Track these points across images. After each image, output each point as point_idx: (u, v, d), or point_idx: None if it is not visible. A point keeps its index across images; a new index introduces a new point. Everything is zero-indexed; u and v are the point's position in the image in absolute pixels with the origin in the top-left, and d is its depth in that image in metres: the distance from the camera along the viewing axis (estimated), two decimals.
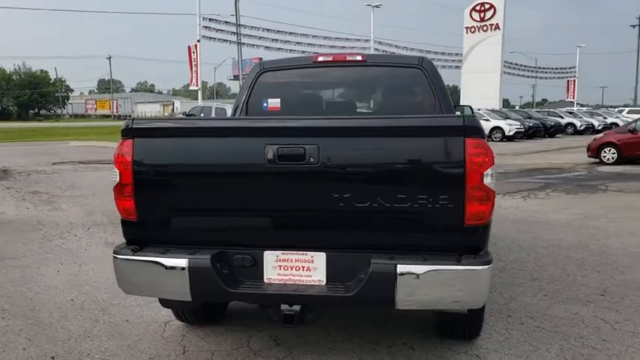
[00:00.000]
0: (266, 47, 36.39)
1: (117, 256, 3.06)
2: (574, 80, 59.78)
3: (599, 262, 5.69)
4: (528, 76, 62.70)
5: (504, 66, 44.36)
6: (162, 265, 2.95)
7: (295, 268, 2.97)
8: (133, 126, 3.02)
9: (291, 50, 37.91)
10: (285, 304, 2.92)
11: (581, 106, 59.75)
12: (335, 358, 3.53)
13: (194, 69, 30.27)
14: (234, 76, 47.20)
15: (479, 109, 33.33)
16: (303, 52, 38.88)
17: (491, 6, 40.74)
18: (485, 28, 41.03)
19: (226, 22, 33.76)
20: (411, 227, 2.87)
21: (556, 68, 63.78)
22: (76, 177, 13.76)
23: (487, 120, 30.84)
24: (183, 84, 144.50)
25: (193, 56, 30.17)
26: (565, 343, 3.72)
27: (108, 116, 79.09)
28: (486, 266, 2.75)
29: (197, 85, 30.28)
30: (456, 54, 46.98)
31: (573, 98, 58.90)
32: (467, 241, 2.85)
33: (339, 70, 4.72)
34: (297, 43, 37.93)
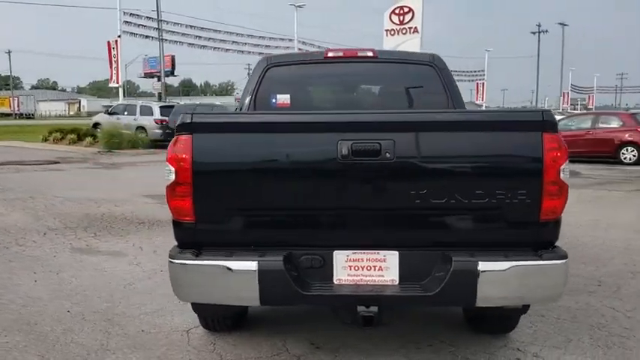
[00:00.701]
0: (189, 44, 35.49)
1: (175, 261, 2.84)
2: (483, 83, 62.71)
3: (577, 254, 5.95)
4: None
5: None
6: (230, 268, 2.76)
7: (366, 268, 2.88)
8: (193, 121, 2.80)
9: (215, 48, 37.24)
10: (361, 306, 2.81)
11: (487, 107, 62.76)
12: (382, 358, 3.46)
13: (114, 65, 28.96)
14: (145, 73, 45.48)
15: None
16: (227, 50, 38.31)
17: (410, 10, 41.58)
18: (404, 31, 41.83)
19: (148, 18, 32.56)
20: (488, 223, 2.85)
21: (467, 71, 66.64)
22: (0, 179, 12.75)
23: None
24: (89, 81, 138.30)
25: (113, 52, 28.83)
26: (592, 332, 3.85)
27: (8, 115, 73.99)
28: (565, 260, 2.78)
29: (118, 83, 28.96)
30: None
31: (483, 100, 61.72)
32: (541, 236, 2.86)
33: (350, 65, 4.63)
34: (222, 40, 37.30)
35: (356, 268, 2.87)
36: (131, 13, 31.24)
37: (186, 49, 37.84)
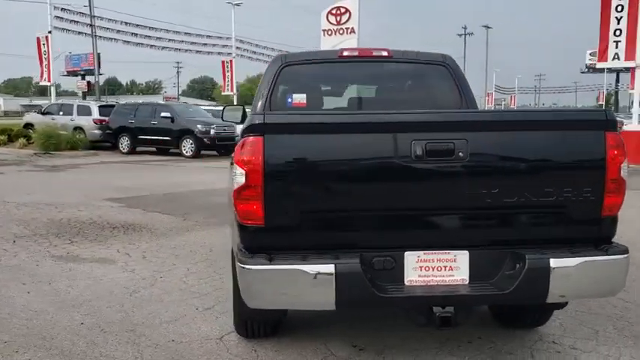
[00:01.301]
0: (125, 41, 34.23)
1: (248, 266, 2.73)
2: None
3: None
4: None
5: None
6: (307, 272, 2.68)
7: (437, 269, 2.87)
8: (265, 121, 2.70)
9: (152, 46, 36.07)
10: (437, 307, 2.81)
11: None
12: (430, 357, 3.47)
13: (44, 63, 27.52)
14: (68, 71, 43.45)
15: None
16: (163, 48, 37.23)
17: (347, 10, 41.94)
18: (341, 32, 42.20)
19: (80, 13, 31.13)
20: (554, 221, 2.91)
21: None
22: None
23: None
24: (3, 79, 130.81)
25: (43, 49, 27.38)
26: (614, 323, 4.01)
27: None
28: (627, 254, 2.89)
29: (49, 81, 27.52)
30: None
31: None
32: (602, 232, 2.96)
33: (365, 65, 4.63)
34: (158, 38, 36.20)
35: (426, 268, 2.86)
36: (62, 8, 29.77)
37: (109, 47, 36.39)
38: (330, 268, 2.68)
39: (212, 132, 19.48)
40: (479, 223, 2.89)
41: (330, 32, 44.11)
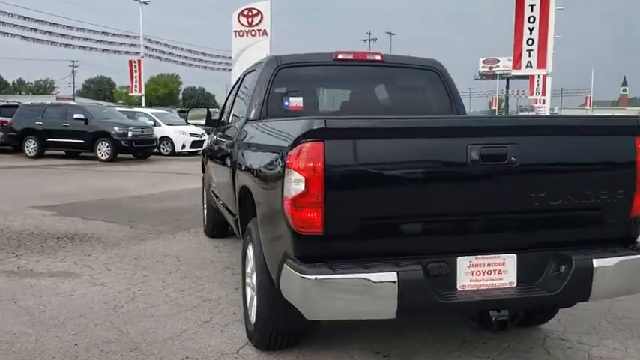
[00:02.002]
0: (23, 37, 31.87)
1: (309, 276, 2.61)
2: None
3: None
4: None
5: None
6: (371, 281, 2.61)
7: (487, 272, 2.90)
8: (327, 126, 2.60)
9: (53, 43, 33.88)
10: (492, 310, 2.83)
11: None
12: (454, 359, 3.50)
13: None
14: None
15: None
16: (67, 45, 35.10)
17: (259, 12, 41.67)
18: (253, 33, 41.81)
19: None
20: (591, 222, 3.03)
21: None
22: None
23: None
24: None
25: None
26: (605, 317, 4.24)
27: None
28: None
29: None
30: (225, 57, 47.44)
31: None
32: (629, 232, 3.11)
33: (359, 68, 4.60)
34: (60, 35, 34.02)
35: (477, 273, 2.88)
36: None
37: (25, 43, 33.94)
38: (392, 275, 2.63)
39: (130, 134, 18.64)
40: (526, 226, 2.94)
41: (241, 33, 43.66)
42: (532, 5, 16.26)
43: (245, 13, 43.67)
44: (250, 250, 3.73)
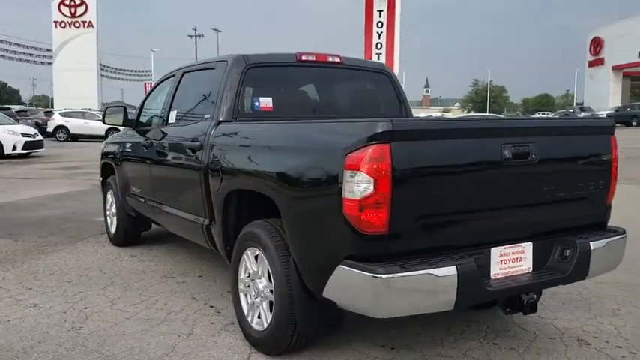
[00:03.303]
0: None
1: (382, 275, 2.65)
2: (151, 83, 62.52)
3: None
4: (116, 78, 62.23)
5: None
6: (436, 276, 2.74)
7: (511, 260, 3.18)
8: (395, 129, 2.67)
9: None
10: (524, 295, 3.12)
11: None
12: (458, 348, 3.74)
13: None
14: None
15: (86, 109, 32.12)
16: None
17: (83, 2, 39.19)
18: (77, 25, 39.14)
19: None
20: (583, 211, 3.46)
21: (134, 70, 65.29)
22: None
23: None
24: None
25: None
26: (581, 296, 4.74)
27: None
28: (626, 234, 3.59)
29: None
30: (48, 49, 43.34)
31: None
32: (604, 218, 3.61)
33: (321, 70, 4.66)
34: None
35: (504, 261, 3.15)
36: None
37: None
38: (453, 269, 2.78)
39: None
40: (540, 216, 3.27)
41: (63, 24, 40.64)
42: (380, 11, 17.36)
43: (67, 2, 40.66)
44: (250, 257, 3.62)
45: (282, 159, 3.26)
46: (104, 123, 6.14)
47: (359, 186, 2.69)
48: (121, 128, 6.56)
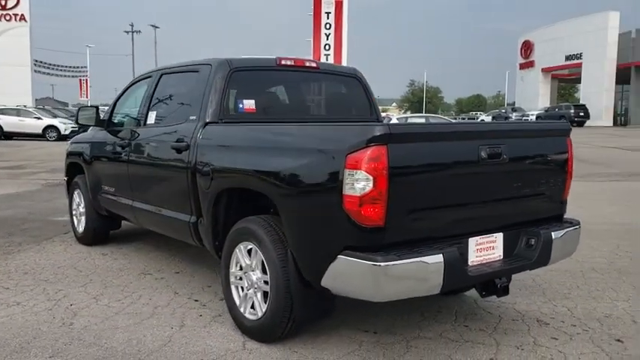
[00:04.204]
0: None
1: (382, 263, 2.96)
2: (87, 79, 60.65)
3: None
4: (47, 73, 59.77)
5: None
6: (427, 263, 3.07)
7: (485, 249, 3.55)
8: (391, 132, 2.98)
9: None
10: (497, 279, 3.51)
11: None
12: (434, 330, 4.10)
13: None
14: None
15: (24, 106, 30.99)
16: None
17: None
18: (8, 18, 37.63)
19: None
20: (544, 204, 3.88)
21: (69, 67, 63.05)
22: None
23: (39, 118, 29.07)
24: None
25: None
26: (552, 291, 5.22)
27: None
28: (580, 225, 4.04)
29: None
30: None
31: (87, 97, 59.76)
32: (561, 211, 4.05)
33: (299, 74, 4.91)
34: None
35: (480, 250, 3.51)
36: None
37: None
38: (440, 257, 3.12)
39: None
40: (509, 209, 3.66)
41: None
42: (328, 13, 17.73)
43: None
44: (243, 252, 3.84)
45: (281, 159, 3.50)
46: (77, 123, 6.16)
47: (359, 183, 2.98)
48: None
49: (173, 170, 4.57)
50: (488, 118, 54.77)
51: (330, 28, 17.71)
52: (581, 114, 43.39)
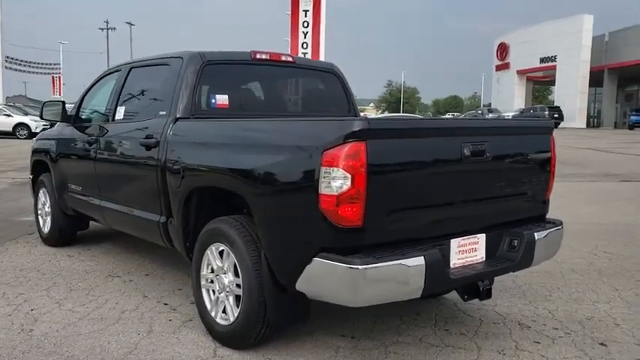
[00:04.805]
0: None
1: (359, 266, 2.79)
2: (59, 76, 59.48)
3: None
4: (19, 70, 58.45)
5: None
6: (407, 266, 2.92)
7: (468, 251, 3.41)
8: (371, 127, 2.82)
9: None
10: (480, 282, 3.36)
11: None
12: (413, 335, 3.95)
13: None
14: None
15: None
16: None
17: None
18: None
19: None
20: (526, 204, 3.76)
21: (41, 63, 61.77)
22: None
23: (9, 116, 28.42)
24: None
25: None
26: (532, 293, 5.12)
27: None
28: (562, 225, 3.93)
29: None
30: None
31: (59, 95, 58.55)
32: (544, 211, 3.93)
33: (274, 68, 4.73)
34: None
35: (462, 252, 3.37)
36: None
37: None
38: (421, 260, 2.96)
39: None
40: (492, 209, 3.53)
41: None
42: (306, 11, 17.54)
43: None
44: (214, 253, 3.65)
45: (254, 156, 3.32)
46: (41, 118, 5.89)
47: (335, 182, 2.81)
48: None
49: (142, 168, 4.35)
50: None
51: (307, 27, 17.51)
52: (556, 115, 43.89)
